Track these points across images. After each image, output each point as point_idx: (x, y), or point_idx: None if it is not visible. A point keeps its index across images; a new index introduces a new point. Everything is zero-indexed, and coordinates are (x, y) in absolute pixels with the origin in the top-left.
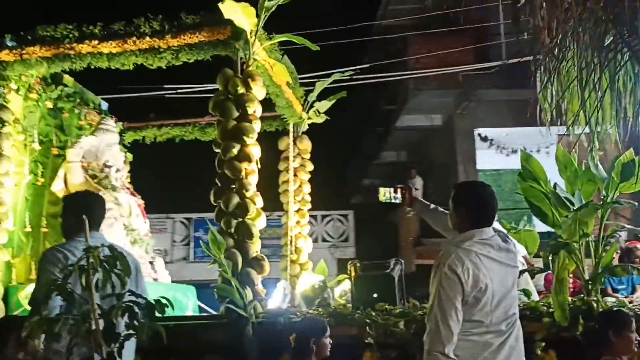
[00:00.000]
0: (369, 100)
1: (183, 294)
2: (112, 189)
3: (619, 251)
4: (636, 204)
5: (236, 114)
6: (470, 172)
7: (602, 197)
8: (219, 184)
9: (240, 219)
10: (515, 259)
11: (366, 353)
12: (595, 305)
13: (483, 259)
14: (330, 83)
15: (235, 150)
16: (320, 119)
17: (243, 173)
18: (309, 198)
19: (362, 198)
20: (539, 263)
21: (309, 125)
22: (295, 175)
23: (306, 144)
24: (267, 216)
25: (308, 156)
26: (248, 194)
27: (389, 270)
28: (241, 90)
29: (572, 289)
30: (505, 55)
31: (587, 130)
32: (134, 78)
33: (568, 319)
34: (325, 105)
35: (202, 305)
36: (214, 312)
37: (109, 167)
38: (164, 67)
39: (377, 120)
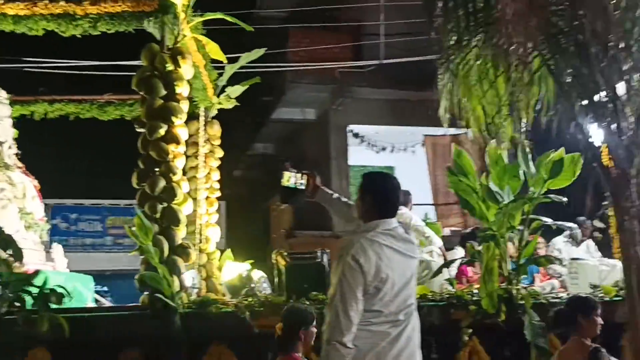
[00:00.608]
0: (246, 90)
1: (83, 284)
2: (4, 167)
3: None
4: (565, 199)
5: (163, 92)
6: (342, 167)
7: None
8: (143, 166)
9: (166, 204)
10: (414, 250)
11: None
12: (515, 293)
13: (386, 249)
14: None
15: (162, 131)
16: (230, 104)
17: (170, 155)
18: (217, 185)
19: (233, 189)
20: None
21: None
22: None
23: (216, 130)
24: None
25: (218, 142)
26: (175, 178)
27: (319, 260)
28: (170, 67)
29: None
30: (382, 55)
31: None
32: (25, 46)
33: (496, 306)
34: (237, 90)
35: (97, 297)
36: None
37: (1, 143)
38: (79, 37)
39: (252, 111)
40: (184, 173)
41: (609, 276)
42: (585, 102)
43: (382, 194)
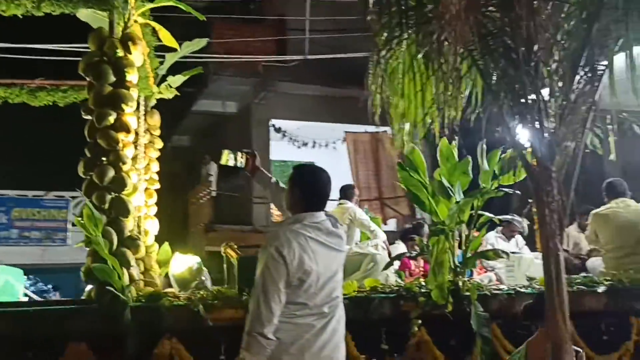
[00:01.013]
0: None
1: (15, 278)
2: None
3: None
4: (519, 192)
5: (113, 78)
6: (264, 161)
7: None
8: (90, 155)
9: (116, 194)
10: (342, 244)
11: None
12: (462, 285)
13: (311, 242)
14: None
15: (111, 119)
16: (170, 94)
17: (120, 144)
18: (156, 177)
19: None
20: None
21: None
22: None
23: (156, 120)
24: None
25: (158, 132)
26: (125, 168)
27: None
28: (120, 53)
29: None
30: (306, 51)
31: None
32: None
33: (446, 298)
34: (179, 79)
35: (28, 292)
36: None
37: None
38: (20, 17)
39: (173, 103)
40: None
41: (539, 269)
42: (511, 102)
43: (310, 187)
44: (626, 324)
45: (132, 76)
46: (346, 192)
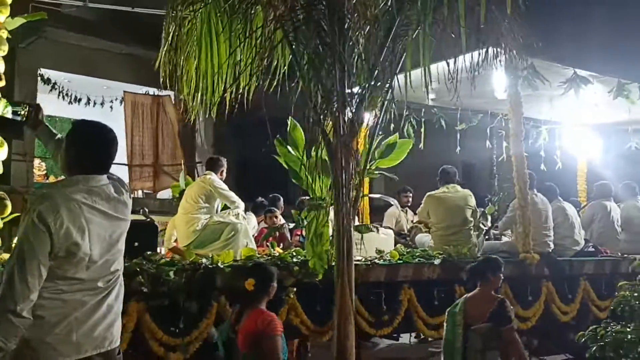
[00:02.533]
0: None
1: None
2: None
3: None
4: (396, 177)
5: None
6: None
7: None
8: None
9: None
10: (125, 211)
11: (132, 303)
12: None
13: (85, 208)
14: None
15: None
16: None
17: None
18: None
19: None
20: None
21: None
22: None
23: None
24: None
25: None
26: None
27: (149, 219)
28: None
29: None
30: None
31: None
32: None
33: (325, 266)
34: (17, 21)
35: None
36: None
37: None
38: None
39: None
40: None
41: (385, 243)
42: (318, 80)
43: (90, 146)
44: (452, 291)
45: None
46: (212, 164)
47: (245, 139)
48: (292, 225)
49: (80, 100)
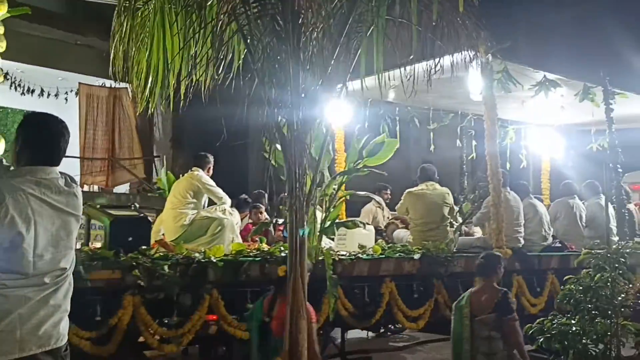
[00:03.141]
0: None
1: None
2: None
3: None
4: (385, 173)
5: None
6: None
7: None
8: None
9: None
10: (76, 206)
11: (126, 296)
12: (320, 251)
13: (33, 199)
14: None
15: None
16: None
17: None
18: None
19: None
20: None
21: None
22: None
23: None
24: None
25: None
26: None
27: (142, 214)
28: None
29: None
30: None
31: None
32: None
33: (314, 261)
34: None
35: None
36: None
37: None
38: None
39: None
40: None
41: (367, 238)
42: (272, 76)
43: (38, 137)
44: (430, 284)
45: None
46: (200, 160)
47: (205, 132)
48: (281, 220)
49: (33, 91)
